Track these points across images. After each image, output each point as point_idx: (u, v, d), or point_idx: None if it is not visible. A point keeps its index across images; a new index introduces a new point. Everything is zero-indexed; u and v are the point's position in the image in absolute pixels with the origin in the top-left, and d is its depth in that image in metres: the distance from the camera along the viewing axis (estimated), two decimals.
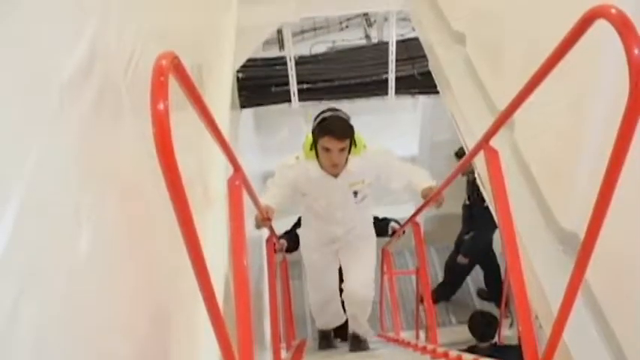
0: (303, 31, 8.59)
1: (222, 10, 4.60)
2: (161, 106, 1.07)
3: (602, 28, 1.31)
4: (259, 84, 7.11)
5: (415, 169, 4.05)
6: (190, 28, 3.13)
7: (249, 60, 6.24)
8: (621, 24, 1.24)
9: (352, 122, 3.70)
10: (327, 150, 3.59)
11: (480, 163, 2.63)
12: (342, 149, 3.60)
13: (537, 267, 2.57)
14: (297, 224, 4.72)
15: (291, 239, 5.00)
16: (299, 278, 7.28)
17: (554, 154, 2.71)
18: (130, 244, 1.56)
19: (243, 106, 6.96)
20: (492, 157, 2.30)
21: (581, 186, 2.39)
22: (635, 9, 1.55)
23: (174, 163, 1.09)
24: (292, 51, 6.85)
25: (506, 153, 3.03)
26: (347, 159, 3.73)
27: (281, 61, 7.10)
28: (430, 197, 3.64)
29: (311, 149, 3.73)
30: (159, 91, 1.08)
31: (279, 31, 7.24)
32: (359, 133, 3.73)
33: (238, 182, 2.15)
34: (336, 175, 3.80)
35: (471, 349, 5.09)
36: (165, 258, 1.87)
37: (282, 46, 7.58)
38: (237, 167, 2.19)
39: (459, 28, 4.26)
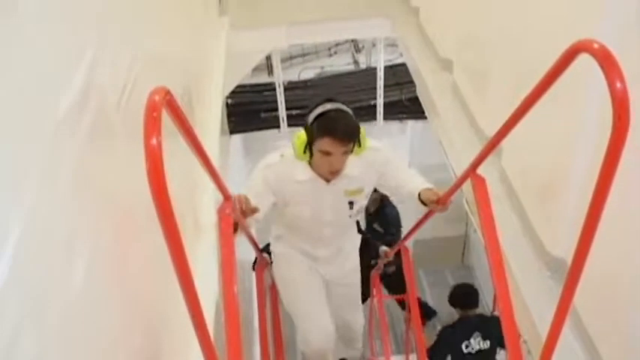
0: (291, 57, 8.66)
1: (212, 37, 4.63)
2: (154, 142, 1.08)
3: (586, 60, 1.34)
4: (248, 110, 7.16)
5: (412, 172, 3.28)
6: (181, 55, 3.16)
7: (238, 86, 6.28)
8: (603, 58, 1.27)
9: None
10: (327, 154, 2.80)
11: (467, 190, 2.65)
12: (345, 153, 2.83)
13: (525, 293, 2.59)
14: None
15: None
16: None
17: (541, 180, 2.75)
18: (122, 275, 1.57)
19: (232, 132, 7.00)
20: (480, 185, 2.32)
21: (568, 212, 2.42)
22: (616, 40, 1.59)
23: (166, 198, 1.10)
24: (281, 77, 6.90)
25: (494, 179, 3.06)
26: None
27: (270, 87, 7.15)
28: (438, 200, 2.89)
29: (305, 152, 2.89)
30: (152, 126, 1.09)
31: (268, 57, 7.30)
32: (363, 130, 2.94)
33: (228, 211, 2.16)
34: (328, 180, 3.00)
35: (459, 320, 5.22)
36: (157, 289, 1.88)
37: (270, 72, 7.65)
38: (227, 196, 2.19)
39: (446, 54, 4.32)
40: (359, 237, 3.72)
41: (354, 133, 2.81)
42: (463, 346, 5.04)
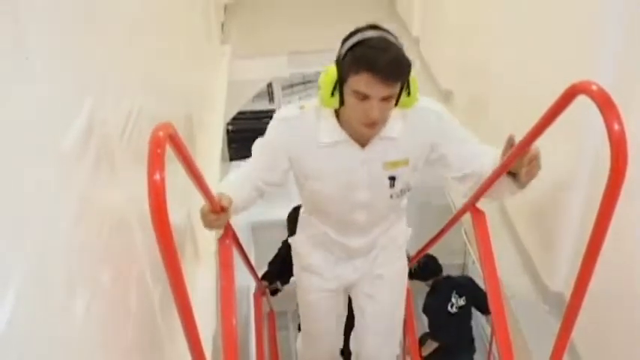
0: (292, 85, 8.70)
1: (214, 65, 4.67)
2: (157, 177, 1.09)
3: (585, 98, 1.36)
4: (249, 137, 7.13)
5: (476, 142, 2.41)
6: (183, 83, 3.18)
7: (238, 113, 6.32)
8: (601, 101, 1.29)
9: None
10: (364, 97, 1.92)
11: (467, 221, 2.66)
12: (388, 98, 1.94)
13: (523, 326, 2.59)
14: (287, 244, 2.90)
15: (280, 266, 3.75)
16: (286, 329, 7.20)
17: (540, 215, 2.75)
18: (123, 311, 1.56)
19: (232, 158, 7.00)
20: (479, 219, 2.34)
21: (567, 247, 2.43)
22: (612, 81, 1.61)
23: (169, 233, 1.11)
24: (282, 104, 6.91)
25: (494, 213, 3.07)
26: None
27: (270, 114, 7.12)
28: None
29: (333, 95, 2.02)
30: (155, 162, 1.10)
31: (269, 85, 7.34)
32: (415, 77, 2.04)
33: (228, 241, 2.16)
34: (363, 143, 2.16)
35: (436, 285, 5.27)
36: (157, 322, 1.88)
37: (271, 99, 7.67)
38: (227, 226, 2.20)
39: (446, 85, 4.35)
40: (404, 229, 2.67)
41: (401, 70, 1.94)
42: (449, 307, 5.12)
